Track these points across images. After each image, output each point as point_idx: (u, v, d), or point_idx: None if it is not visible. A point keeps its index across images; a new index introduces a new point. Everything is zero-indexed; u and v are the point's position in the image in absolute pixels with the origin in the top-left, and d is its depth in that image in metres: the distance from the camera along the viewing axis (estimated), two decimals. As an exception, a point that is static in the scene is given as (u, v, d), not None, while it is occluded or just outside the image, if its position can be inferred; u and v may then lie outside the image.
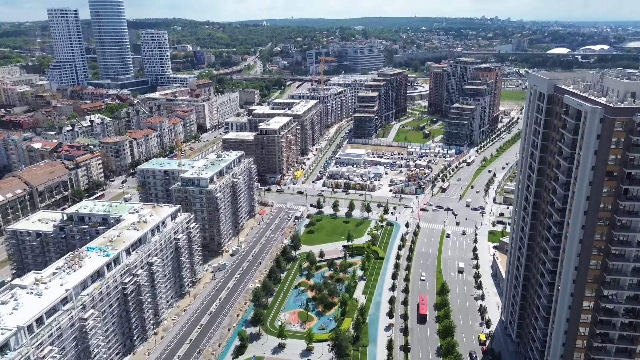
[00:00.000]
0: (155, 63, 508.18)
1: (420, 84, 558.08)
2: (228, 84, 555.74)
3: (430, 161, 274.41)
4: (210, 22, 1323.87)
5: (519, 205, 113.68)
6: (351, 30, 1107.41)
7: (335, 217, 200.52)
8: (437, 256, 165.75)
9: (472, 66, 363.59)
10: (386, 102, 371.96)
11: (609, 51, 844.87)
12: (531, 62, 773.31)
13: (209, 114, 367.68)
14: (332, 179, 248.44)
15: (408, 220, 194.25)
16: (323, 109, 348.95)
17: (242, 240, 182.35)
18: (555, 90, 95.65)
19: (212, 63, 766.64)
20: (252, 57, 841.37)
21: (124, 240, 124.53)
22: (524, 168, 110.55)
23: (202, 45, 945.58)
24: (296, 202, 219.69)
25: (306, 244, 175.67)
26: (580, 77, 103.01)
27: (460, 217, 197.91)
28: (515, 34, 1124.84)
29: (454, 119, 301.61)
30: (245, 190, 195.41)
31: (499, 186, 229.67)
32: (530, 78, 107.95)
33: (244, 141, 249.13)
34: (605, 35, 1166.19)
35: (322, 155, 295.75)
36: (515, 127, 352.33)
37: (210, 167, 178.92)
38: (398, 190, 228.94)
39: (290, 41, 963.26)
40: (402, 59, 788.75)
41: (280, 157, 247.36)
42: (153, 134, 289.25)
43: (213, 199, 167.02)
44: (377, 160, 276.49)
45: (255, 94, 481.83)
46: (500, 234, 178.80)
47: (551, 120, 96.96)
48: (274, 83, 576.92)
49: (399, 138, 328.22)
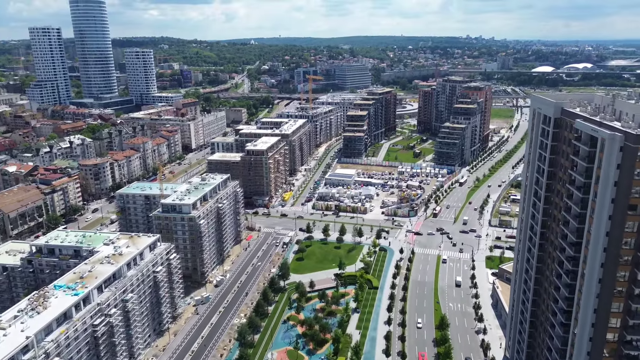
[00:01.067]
0: (140, 82, 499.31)
1: (408, 102, 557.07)
2: (215, 102, 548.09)
3: (422, 181, 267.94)
4: (198, 41, 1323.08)
5: (524, 234, 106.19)
6: (339, 49, 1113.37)
7: (325, 242, 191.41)
8: (433, 284, 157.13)
9: (462, 85, 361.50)
10: (375, 121, 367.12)
11: (592, 69, 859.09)
12: (517, 81, 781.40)
13: (194, 134, 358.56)
14: (321, 200, 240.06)
15: (402, 245, 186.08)
16: (312, 128, 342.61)
17: (227, 270, 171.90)
18: (562, 114, 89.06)
19: (200, 81, 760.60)
20: (240, 76, 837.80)
21: (96, 275, 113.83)
22: (528, 195, 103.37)
23: (190, 63, 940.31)
24: (285, 226, 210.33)
25: (295, 273, 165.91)
26: (586, 99, 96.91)
27: (456, 241, 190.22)
28: (500, 52, 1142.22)
29: (444, 138, 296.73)
30: (230, 216, 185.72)
31: (494, 208, 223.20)
32: (533, 100, 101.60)
33: (230, 162, 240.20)
34: (587, 54, 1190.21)
35: (312, 176, 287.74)
36: (506, 146, 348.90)
37: (193, 192, 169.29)
38: (390, 212, 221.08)
39: (278, 59, 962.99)
40: (390, 78, 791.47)
41: (268, 179, 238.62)
42: (136, 155, 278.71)
43: (196, 226, 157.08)
44: (368, 180, 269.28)
45: (242, 112, 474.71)
46: (498, 260, 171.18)
47: (559, 145, 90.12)
48: (261, 101, 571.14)
49: (390, 157, 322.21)
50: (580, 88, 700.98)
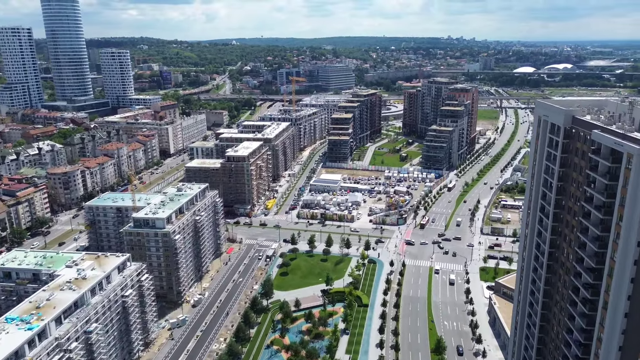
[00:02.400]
0: (117, 84, 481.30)
1: (393, 103, 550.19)
2: (195, 104, 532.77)
3: (410, 186, 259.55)
4: (179, 41, 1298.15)
5: (528, 252, 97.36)
6: (322, 50, 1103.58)
7: (311, 254, 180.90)
8: (427, 300, 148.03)
9: (448, 86, 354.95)
10: (360, 124, 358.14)
11: (572, 70, 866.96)
12: (499, 81, 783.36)
13: (173, 138, 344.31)
14: (306, 208, 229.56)
15: (392, 256, 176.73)
16: (295, 131, 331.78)
17: (205, 287, 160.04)
18: (574, 122, 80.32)
19: (180, 83, 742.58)
20: (221, 77, 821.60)
21: (55, 305, 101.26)
22: (533, 210, 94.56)
23: (170, 64, 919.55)
24: (268, 236, 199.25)
25: (279, 290, 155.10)
26: (596, 105, 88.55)
27: (448, 250, 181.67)
28: (482, 53, 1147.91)
29: (432, 142, 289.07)
30: (209, 228, 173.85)
31: (485, 214, 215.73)
32: (539, 107, 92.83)
33: (209, 170, 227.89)
34: (566, 55, 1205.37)
35: (296, 182, 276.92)
36: (492, 149, 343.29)
37: (168, 204, 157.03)
38: (378, 220, 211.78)
39: (261, 60, 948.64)
40: (373, 79, 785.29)
41: (250, 186, 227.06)
42: (109, 162, 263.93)
43: (171, 242, 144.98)
44: (354, 186, 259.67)
45: (223, 115, 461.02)
46: (492, 271, 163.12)
47: (570, 157, 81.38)
48: (243, 103, 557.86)
49: (376, 161, 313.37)
50: (562, 89, 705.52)
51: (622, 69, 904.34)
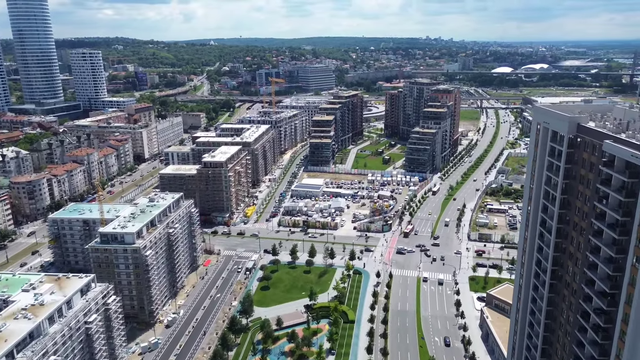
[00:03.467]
0: (88, 85, 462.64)
1: (374, 104, 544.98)
2: (172, 106, 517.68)
3: (394, 190, 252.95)
4: (155, 41, 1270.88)
5: (527, 268, 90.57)
6: (301, 50, 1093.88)
7: (293, 265, 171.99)
8: (416, 314, 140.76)
9: (430, 88, 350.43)
10: (342, 126, 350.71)
11: (548, 70, 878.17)
12: (479, 81, 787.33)
13: (147, 142, 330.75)
14: (288, 215, 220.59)
15: (378, 266, 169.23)
16: (275, 134, 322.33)
17: (180, 304, 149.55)
18: (579, 131, 73.61)
19: (156, 84, 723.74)
20: (199, 77, 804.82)
21: (7, 337, 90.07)
22: (532, 223, 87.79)
23: (146, 65, 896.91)
24: (247, 247, 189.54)
25: (260, 306, 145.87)
26: (600, 110, 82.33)
27: (435, 258, 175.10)
28: (460, 53, 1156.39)
29: (415, 144, 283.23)
30: (184, 241, 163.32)
31: (471, 219, 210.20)
32: (538, 112, 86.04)
33: (185, 176, 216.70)
34: (542, 55, 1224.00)
35: (277, 187, 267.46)
36: (475, 150, 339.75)
37: (138, 217, 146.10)
38: (363, 227, 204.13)
39: (239, 61, 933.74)
40: (354, 79, 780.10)
41: (228, 194, 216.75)
42: (79, 169, 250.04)
43: (141, 258, 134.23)
44: (337, 191, 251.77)
45: (201, 117, 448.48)
46: (482, 281, 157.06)
47: (575, 169, 74.66)
48: (222, 105, 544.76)
49: (358, 165, 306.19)
50: (540, 89, 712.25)
51: (596, 68, 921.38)
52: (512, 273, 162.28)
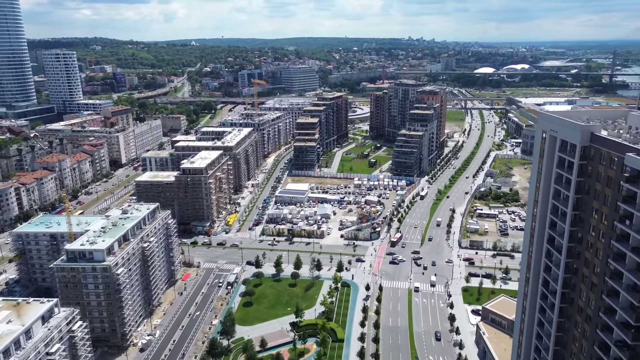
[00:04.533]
0: (63, 87, 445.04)
1: (358, 105, 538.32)
2: (151, 108, 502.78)
3: (381, 195, 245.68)
4: (134, 42, 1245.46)
5: (532, 288, 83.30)
6: (284, 50, 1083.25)
7: (278, 278, 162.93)
8: (408, 331, 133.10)
9: (415, 89, 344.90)
10: (327, 128, 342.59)
11: (529, 70, 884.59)
12: (462, 82, 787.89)
13: (124, 147, 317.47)
14: (272, 223, 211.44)
15: (367, 277, 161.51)
16: (258, 137, 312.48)
17: (156, 325, 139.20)
18: (593, 141, 66.53)
19: (135, 85, 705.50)
20: (180, 79, 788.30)
21: (-48, 378, 79.44)
22: (538, 240, 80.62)
23: (125, 66, 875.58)
24: (229, 258, 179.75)
25: (243, 324, 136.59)
26: (611, 117, 75.60)
27: (427, 266, 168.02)
28: (442, 54, 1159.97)
29: (401, 147, 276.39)
30: (161, 255, 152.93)
31: (461, 225, 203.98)
32: (543, 119, 78.84)
33: (162, 184, 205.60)
34: (523, 55, 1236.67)
35: (260, 193, 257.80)
36: (462, 152, 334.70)
37: (109, 231, 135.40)
38: (350, 235, 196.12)
39: (221, 61, 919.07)
40: (337, 80, 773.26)
41: (208, 202, 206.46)
42: (50, 176, 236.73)
43: (112, 277, 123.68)
44: (323, 196, 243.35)
45: (181, 120, 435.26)
46: (476, 292, 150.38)
47: (589, 182, 67.58)
48: (203, 107, 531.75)
49: (344, 168, 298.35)
50: (522, 89, 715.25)
51: (576, 69, 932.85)
52: (506, 283, 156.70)
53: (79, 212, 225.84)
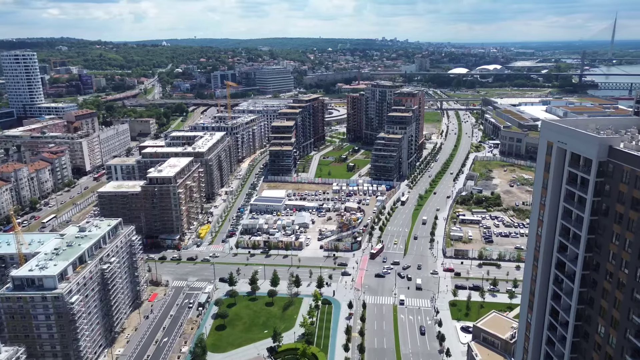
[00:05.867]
0: (23, 90, 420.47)
1: (334, 107, 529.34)
2: (119, 112, 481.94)
3: (361, 201, 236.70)
4: (102, 42, 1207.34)
5: (538, 317, 74.75)
6: (258, 51, 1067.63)
7: (254, 297, 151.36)
8: (395, 353, 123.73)
9: (393, 90, 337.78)
10: (303, 131, 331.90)
11: (501, 70, 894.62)
12: (437, 82, 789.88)
13: (88, 153, 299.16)
14: (247, 234, 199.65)
15: (349, 293, 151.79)
16: (232, 141, 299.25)
17: (119, 355, 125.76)
18: (611, 155, 58.15)
19: (103, 87, 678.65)
20: (150, 80, 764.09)
21: None
22: (544, 264, 72.15)
23: (92, 67, 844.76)
24: (201, 275, 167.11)
25: (215, 351, 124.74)
26: (623, 125, 67.68)
27: (412, 282, 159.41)
28: (416, 54, 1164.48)
29: (380, 151, 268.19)
30: (124, 275, 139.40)
31: (445, 232, 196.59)
32: (547, 129, 70.27)
33: (127, 195, 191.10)
34: (494, 56, 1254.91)
35: (234, 200, 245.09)
36: (440, 155, 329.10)
37: (63, 253, 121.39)
38: (330, 246, 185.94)
39: (194, 62, 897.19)
40: (313, 81, 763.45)
41: (178, 213, 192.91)
42: (4, 187, 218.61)
43: (65, 307, 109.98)
44: (301, 204, 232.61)
45: (150, 123, 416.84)
46: (464, 307, 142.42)
47: (608, 203, 59.19)
48: (174, 109, 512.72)
49: (322, 173, 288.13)
50: (496, 89, 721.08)
51: (546, 69, 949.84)
52: (495, 296, 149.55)
53: (41, 227, 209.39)
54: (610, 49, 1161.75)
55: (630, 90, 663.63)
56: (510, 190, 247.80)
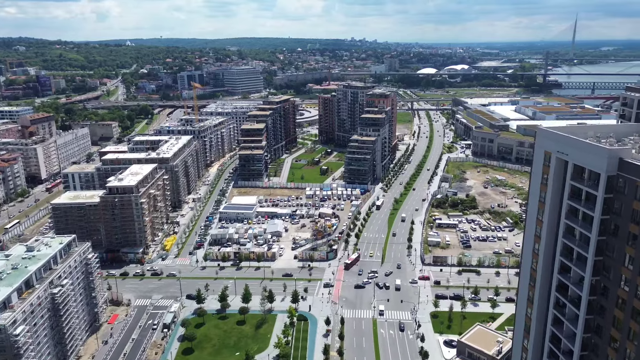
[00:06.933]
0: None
1: (305, 108, 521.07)
2: (80, 115, 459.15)
3: (336, 206, 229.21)
4: (63, 42, 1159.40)
5: (536, 343, 68.58)
6: (226, 51, 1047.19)
7: (224, 315, 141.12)
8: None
9: (365, 91, 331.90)
10: (274, 134, 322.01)
11: (468, 70, 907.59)
12: (406, 82, 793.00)
13: (44, 160, 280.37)
14: (216, 245, 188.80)
15: (325, 307, 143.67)
16: (199, 145, 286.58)
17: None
18: (622, 169, 51.97)
19: (62, 89, 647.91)
20: (114, 81, 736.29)
21: None
22: (542, 286, 65.87)
23: (51, 68, 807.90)
24: (166, 291, 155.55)
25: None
26: (623, 132, 62.04)
27: (390, 292, 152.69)
28: (385, 54, 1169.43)
29: (354, 154, 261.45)
30: (79, 298, 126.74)
31: (422, 237, 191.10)
32: (544, 137, 63.94)
33: (84, 206, 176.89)
34: (461, 56, 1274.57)
35: (202, 208, 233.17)
36: (413, 156, 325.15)
37: (7, 277, 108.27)
38: (305, 256, 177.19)
39: (159, 62, 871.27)
40: (283, 81, 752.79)
41: (141, 224, 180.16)
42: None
43: (9, 340, 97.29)
44: (273, 211, 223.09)
45: (113, 127, 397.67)
46: (446, 318, 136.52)
47: (618, 222, 53.06)
48: (138, 111, 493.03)
49: (295, 177, 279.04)
50: (465, 89, 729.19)
51: (511, 69, 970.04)
52: (476, 305, 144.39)
53: None
54: (571, 49, 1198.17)
55: (593, 90, 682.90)
56: (484, 192, 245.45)
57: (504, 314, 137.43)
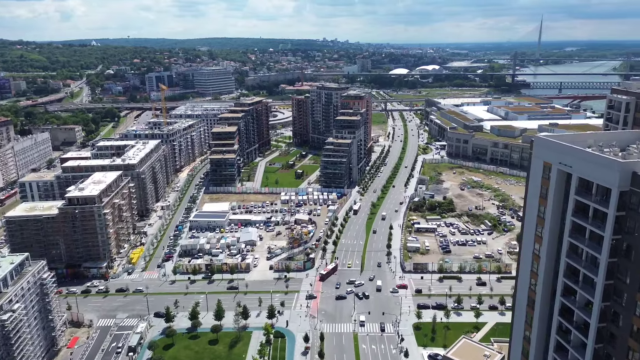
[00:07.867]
0: None
1: (278, 109, 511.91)
2: (41, 118, 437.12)
3: (312, 212, 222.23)
4: (24, 42, 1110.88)
5: (534, 369, 63.35)
6: (196, 51, 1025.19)
7: (195, 334, 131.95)
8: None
9: (339, 93, 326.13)
10: (247, 137, 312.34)
11: (439, 71, 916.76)
12: (379, 83, 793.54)
13: (1, 167, 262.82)
14: (186, 257, 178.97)
15: (303, 322, 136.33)
16: (168, 150, 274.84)
17: None
18: (635, 184, 46.75)
19: (23, 91, 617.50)
20: (78, 83, 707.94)
21: None
22: (542, 309, 60.49)
23: (11, 69, 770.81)
24: (132, 309, 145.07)
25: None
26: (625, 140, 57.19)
27: (371, 303, 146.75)
28: (357, 55, 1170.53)
29: (330, 157, 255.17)
30: (33, 322, 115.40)
31: (402, 244, 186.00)
32: (542, 147, 58.49)
33: (42, 219, 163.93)
34: (432, 57, 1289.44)
35: (172, 216, 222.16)
36: (389, 158, 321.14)
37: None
38: (281, 266, 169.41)
39: (126, 63, 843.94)
40: (255, 82, 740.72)
41: (104, 236, 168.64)
42: None
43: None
44: (246, 218, 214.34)
45: (76, 131, 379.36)
46: (430, 330, 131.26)
47: (630, 241, 47.80)
48: (104, 114, 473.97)
49: (269, 181, 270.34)
50: (436, 89, 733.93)
51: (481, 69, 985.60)
52: (459, 314, 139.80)
53: None
54: (537, 50, 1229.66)
55: (560, 89, 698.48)
56: (461, 194, 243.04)
57: (487, 323, 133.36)
